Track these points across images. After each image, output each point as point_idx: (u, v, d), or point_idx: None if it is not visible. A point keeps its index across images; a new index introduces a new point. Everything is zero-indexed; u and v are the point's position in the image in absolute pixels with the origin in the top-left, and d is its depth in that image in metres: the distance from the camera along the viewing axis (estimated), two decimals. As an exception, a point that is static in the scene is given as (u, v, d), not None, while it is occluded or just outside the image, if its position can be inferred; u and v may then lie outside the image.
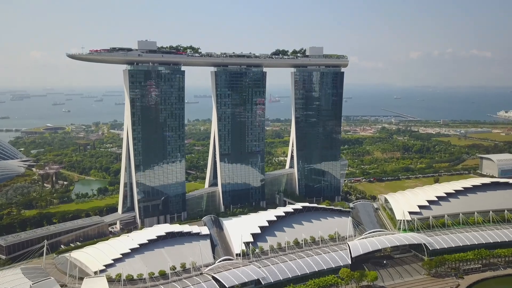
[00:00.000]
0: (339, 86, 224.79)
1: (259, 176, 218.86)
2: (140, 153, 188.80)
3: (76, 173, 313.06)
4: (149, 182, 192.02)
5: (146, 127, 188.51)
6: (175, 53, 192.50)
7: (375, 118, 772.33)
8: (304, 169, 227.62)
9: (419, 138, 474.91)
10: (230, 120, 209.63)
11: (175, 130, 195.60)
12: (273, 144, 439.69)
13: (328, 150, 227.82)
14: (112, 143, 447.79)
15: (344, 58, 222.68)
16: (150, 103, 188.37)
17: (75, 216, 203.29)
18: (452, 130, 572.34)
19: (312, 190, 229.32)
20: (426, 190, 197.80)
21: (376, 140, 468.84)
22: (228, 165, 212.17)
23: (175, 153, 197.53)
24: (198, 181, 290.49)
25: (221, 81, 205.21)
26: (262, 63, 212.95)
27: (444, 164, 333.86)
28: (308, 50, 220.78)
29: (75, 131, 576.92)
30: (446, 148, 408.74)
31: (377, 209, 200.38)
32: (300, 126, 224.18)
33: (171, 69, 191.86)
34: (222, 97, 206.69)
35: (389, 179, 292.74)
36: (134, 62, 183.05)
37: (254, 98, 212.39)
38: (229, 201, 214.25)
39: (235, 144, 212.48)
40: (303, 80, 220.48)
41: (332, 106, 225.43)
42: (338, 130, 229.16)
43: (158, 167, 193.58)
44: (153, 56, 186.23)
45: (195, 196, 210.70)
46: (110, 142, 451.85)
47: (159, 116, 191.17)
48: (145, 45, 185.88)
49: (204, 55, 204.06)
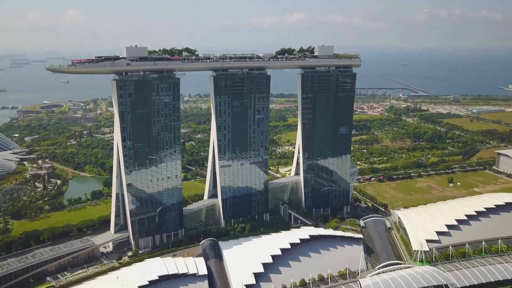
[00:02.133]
0: (351, 89, 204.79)
1: (262, 187, 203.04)
2: (132, 171, 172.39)
3: (70, 168, 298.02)
4: (143, 204, 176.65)
5: (138, 143, 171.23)
6: (168, 59, 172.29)
7: (382, 92, 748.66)
8: (311, 178, 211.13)
9: (430, 120, 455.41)
10: (231, 129, 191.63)
11: (170, 144, 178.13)
12: (277, 128, 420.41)
13: (338, 158, 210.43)
14: (110, 126, 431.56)
15: (357, 58, 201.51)
16: (142, 116, 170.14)
17: (65, 233, 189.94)
18: (463, 109, 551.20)
19: (319, 200, 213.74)
20: (443, 209, 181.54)
21: (384, 122, 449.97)
22: (228, 177, 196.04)
23: (171, 170, 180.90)
24: (198, 180, 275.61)
25: (220, 87, 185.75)
26: (265, 66, 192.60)
27: (457, 158, 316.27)
28: (317, 49, 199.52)
29: (73, 109, 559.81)
30: (459, 135, 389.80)
31: (389, 228, 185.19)
32: (307, 132, 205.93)
33: (164, 77, 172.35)
34: (221, 105, 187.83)
35: (400, 177, 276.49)
36: (123, 72, 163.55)
37: (257, 104, 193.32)
38: (229, 214, 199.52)
39: (236, 154, 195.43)
40: (311, 82, 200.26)
41: (343, 111, 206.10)
42: (348, 136, 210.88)
43: (151, 185, 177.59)
44: (144, 64, 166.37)
45: (193, 211, 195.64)
46: (108, 125, 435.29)
47: (152, 130, 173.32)
48: (134, 52, 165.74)
49: (202, 58, 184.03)
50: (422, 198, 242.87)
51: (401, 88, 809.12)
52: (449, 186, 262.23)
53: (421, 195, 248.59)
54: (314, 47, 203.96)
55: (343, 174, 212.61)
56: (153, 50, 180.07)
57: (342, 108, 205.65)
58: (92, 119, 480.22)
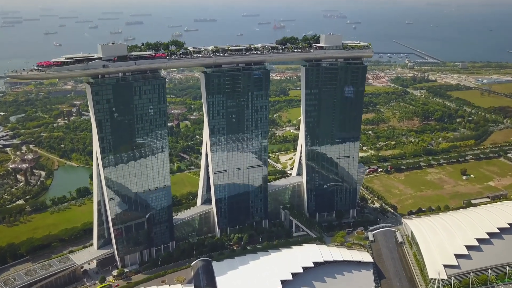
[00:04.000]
0: (360, 83, 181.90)
1: (261, 192, 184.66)
2: (114, 183, 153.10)
3: (56, 156, 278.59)
4: (127, 218, 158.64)
5: (119, 153, 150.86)
6: (152, 57, 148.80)
7: (388, 57, 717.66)
8: (315, 181, 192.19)
9: (438, 94, 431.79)
10: (225, 131, 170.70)
11: (156, 152, 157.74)
12: (276, 104, 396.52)
13: (344, 159, 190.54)
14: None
15: (368, 49, 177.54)
16: (123, 124, 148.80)
17: (44, 246, 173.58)
18: (472, 79, 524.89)
19: (323, 204, 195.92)
20: (460, 222, 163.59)
21: (391, 97, 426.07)
22: (223, 183, 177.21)
23: (158, 180, 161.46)
24: (192, 171, 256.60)
25: (213, 85, 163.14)
26: (264, 59, 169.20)
27: (470, 142, 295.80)
28: (323, 39, 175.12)
29: (63, 80, 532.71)
30: (470, 113, 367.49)
31: (401, 243, 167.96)
32: (311, 131, 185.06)
33: (148, 78, 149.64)
34: (215, 105, 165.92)
35: (409, 168, 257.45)
36: (99, 75, 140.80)
37: (255, 103, 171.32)
38: (225, 223, 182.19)
39: (232, 159, 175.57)
40: (316, 76, 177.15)
41: (351, 108, 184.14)
42: (356, 136, 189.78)
43: (137, 197, 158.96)
44: (123, 65, 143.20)
45: (185, 220, 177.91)
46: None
47: (136, 138, 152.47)
48: (111, 50, 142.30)
49: (191, 52, 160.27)
50: (433, 195, 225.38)
51: (406, 52, 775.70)
52: (462, 179, 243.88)
53: (432, 191, 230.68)
54: (319, 36, 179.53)
55: (349, 176, 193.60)
56: (135, 46, 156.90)
57: (350, 105, 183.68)
58: (82, 93, 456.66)
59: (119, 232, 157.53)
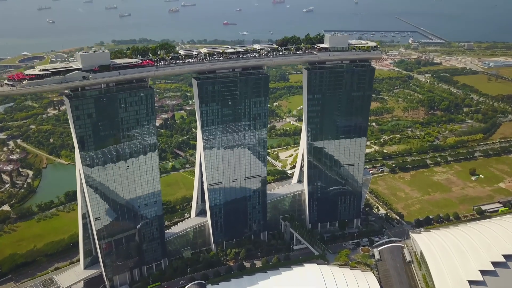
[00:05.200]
0: (368, 87, 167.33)
1: (259, 203, 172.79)
2: (100, 204, 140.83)
3: (45, 153, 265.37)
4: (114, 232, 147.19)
5: (104, 172, 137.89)
6: (138, 65, 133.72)
7: (391, 36, 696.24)
8: (317, 190, 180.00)
9: (444, 80, 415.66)
10: (221, 143, 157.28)
11: (145, 169, 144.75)
12: (276, 91, 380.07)
13: (349, 166, 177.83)
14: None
15: (377, 50, 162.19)
16: (108, 140, 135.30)
17: (26, 264, 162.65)
18: (478, 61, 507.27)
19: (326, 213, 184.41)
20: (473, 240, 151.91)
21: (395, 83, 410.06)
22: (219, 195, 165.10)
23: (148, 197, 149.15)
24: (188, 170, 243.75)
25: (206, 93, 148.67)
26: (263, 63, 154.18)
27: (478, 137, 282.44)
28: (327, 40, 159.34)
29: (55, 62, 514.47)
30: (477, 101, 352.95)
31: (409, 261, 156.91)
32: (314, 138, 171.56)
33: (134, 89, 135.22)
34: (209, 114, 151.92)
35: (415, 167, 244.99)
36: (78, 87, 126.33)
37: (254, 110, 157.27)
38: (221, 236, 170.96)
39: (228, 170, 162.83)
40: (319, 80, 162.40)
41: (357, 113, 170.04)
42: (362, 143, 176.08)
43: (125, 214, 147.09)
44: (106, 75, 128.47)
45: (178, 235, 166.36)
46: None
47: (122, 155, 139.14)
48: (92, 59, 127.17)
49: (182, 56, 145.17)
50: (441, 199, 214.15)
51: (410, 31, 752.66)
52: (471, 180, 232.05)
53: (439, 194, 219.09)
54: (323, 35, 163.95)
55: (354, 184, 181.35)
56: (119, 51, 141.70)
57: (356, 110, 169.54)
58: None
59: (107, 247, 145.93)
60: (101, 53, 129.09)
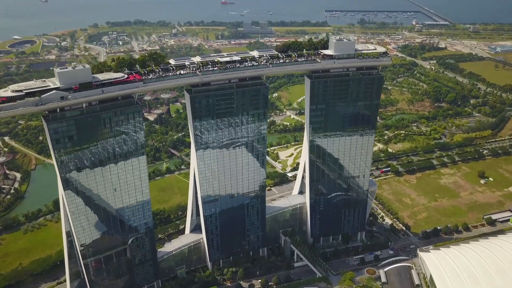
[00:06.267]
0: (375, 96, 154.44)
1: (258, 219, 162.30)
2: (85, 229, 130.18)
3: (33, 152, 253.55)
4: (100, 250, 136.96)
5: (89, 200, 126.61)
6: (124, 81, 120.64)
7: (394, 16, 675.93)
8: (319, 203, 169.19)
9: (449, 67, 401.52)
10: (216, 159, 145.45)
11: (134, 195, 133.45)
12: (275, 80, 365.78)
13: (354, 179, 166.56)
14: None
15: (386, 57, 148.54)
16: (91, 163, 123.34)
17: (11, 286, 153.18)
18: (484, 45, 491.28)
19: (328, 227, 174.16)
20: (485, 263, 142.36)
21: (399, 70, 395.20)
22: (215, 212, 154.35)
23: (138, 219, 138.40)
24: (183, 172, 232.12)
25: (200, 108, 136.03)
26: (261, 74, 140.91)
27: (486, 133, 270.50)
28: (332, 46, 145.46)
29: (46, 47, 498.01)
30: (484, 92, 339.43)
31: (418, 285, 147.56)
32: (317, 151, 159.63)
33: (119, 106, 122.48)
34: (203, 130, 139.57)
35: (421, 169, 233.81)
36: (57, 109, 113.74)
37: (252, 124, 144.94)
38: (217, 255, 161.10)
39: (225, 186, 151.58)
40: (323, 90, 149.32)
41: (363, 124, 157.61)
42: (368, 155, 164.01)
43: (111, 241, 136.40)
44: (87, 94, 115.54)
45: (171, 254, 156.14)
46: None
47: (108, 178, 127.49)
48: (71, 77, 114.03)
49: (173, 68, 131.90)
50: (449, 206, 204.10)
51: (413, 11, 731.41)
52: (480, 183, 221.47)
53: (447, 200, 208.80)
54: (328, 40, 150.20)
55: (359, 196, 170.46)
56: (103, 63, 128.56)
57: (362, 121, 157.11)
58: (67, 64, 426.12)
59: (94, 266, 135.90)
60: (82, 69, 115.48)
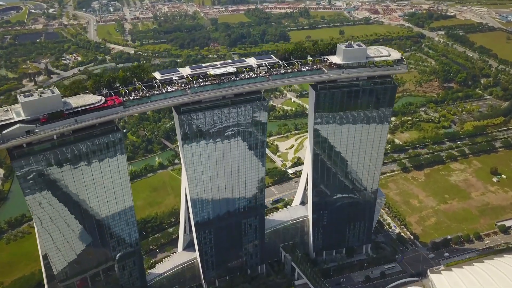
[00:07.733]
0: (387, 106, 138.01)
1: (256, 237, 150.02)
2: (64, 260, 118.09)
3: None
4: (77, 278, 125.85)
5: (69, 229, 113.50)
6: (101, 107, 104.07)
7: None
8: (323, 216, 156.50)
9: (459, 40, 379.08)
10: (210, 180, 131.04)
11: (118, 233, 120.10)
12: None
13: (361, 192, 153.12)
14: (74, 52, 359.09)
15: (401, 65, 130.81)
16: (67, 201, 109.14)
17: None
18: (495, 13, 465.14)
19: (332, 241, 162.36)
20: None
21: (405, 44, 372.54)
22: (209, 232, 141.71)
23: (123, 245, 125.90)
24: (176, 167, 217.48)
25: (190, 128, 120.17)
26: (260, 88, 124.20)
27: (498, 121, 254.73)
28: (340, 53, 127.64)
29: (33, 14, 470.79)
30: (496, 71, 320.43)
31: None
32: (321, 167, 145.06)
33: (97, 135, 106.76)
34: (194, 152, 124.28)
35: (430, 163, 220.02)
36: (23, 145, 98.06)
37: (249, 141, 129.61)
38: (213, 275, 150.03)
39: (220, 206, 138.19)
40: (330, 101, 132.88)
41: (371, 136, 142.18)
42: (377, 168, 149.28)
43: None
44: (57, 126, 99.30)
45: (163, 276, 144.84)
46: (71, 51, 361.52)
47: (86, 214, 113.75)
48: (38, 107, 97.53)
49: (159, 85, 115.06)
50: (459, 210, 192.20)
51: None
52: (492, 182, 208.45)
53: (457, 202, 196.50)
54: (335, 45, 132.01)
55: (365, 209, 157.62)
56: (75, 81, 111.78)
57: (371, 134, 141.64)
58: (55, 35, 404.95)
59: None
60: (50, 96, 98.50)
